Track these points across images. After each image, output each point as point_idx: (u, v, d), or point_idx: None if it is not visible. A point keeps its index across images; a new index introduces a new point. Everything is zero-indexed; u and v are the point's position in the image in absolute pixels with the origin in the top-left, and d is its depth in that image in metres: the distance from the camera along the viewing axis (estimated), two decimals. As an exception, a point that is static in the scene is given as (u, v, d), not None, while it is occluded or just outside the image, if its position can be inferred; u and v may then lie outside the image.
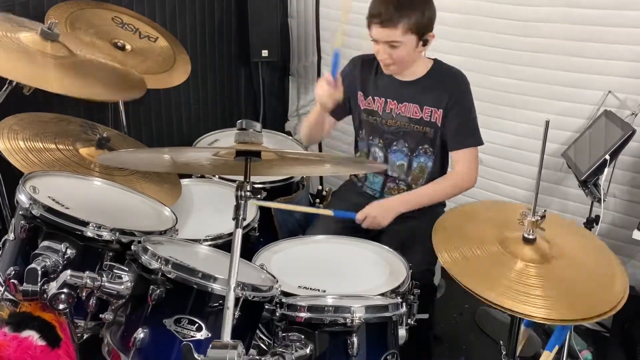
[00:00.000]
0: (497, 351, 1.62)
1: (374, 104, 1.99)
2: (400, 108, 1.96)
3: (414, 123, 1.95)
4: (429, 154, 1.98)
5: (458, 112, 1.91)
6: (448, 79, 1.93)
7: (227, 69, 3.14)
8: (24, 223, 1.39)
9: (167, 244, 1.47)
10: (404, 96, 1.94)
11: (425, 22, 1.81)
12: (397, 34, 1.77)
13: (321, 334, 1.29)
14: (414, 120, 1.95)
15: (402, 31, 1.77)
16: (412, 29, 1.78)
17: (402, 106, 1.95)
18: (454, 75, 1.95)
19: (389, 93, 1.97)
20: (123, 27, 2.30)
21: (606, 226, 2.18)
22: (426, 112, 1.92)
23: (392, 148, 1.99)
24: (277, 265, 1.63)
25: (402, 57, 1.84)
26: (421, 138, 1.96)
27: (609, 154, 1.86)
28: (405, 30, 1.77)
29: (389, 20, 1.76)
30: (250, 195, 1.16)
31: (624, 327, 2.06)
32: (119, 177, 1.78)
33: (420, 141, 1.96)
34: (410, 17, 1.76)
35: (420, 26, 1.79)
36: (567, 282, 1.35)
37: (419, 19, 1.78)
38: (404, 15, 1.75)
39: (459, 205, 1.74)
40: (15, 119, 1.78)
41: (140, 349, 1.22)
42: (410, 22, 1.77)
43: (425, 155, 1.98)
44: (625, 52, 2.09)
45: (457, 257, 1.37)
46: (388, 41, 1.80)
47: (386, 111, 1.97)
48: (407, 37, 1.79)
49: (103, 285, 1.25)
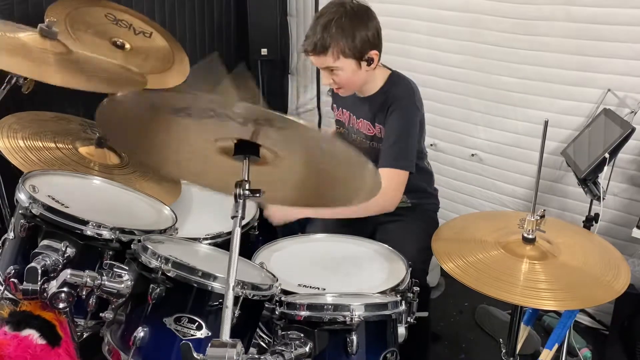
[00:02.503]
0: (497, 349, 1.63)
1: (342, 116, 2.01)
2: (358, 123, 1.95)
3: (368, 140, 1.93)
4: None
5: (390, 130, 1.85)
6: (391, 96, 1.86)
7: (227, 67, 3.13)
8: (23, 222, 1.39)
9: (166, 243, 1.47)
10: (360, 112, 1.94)
11: (359, 44, 1.76)
12: (329, 60, 1.76)
13: (320, 332, 1.29)
14: (368, 137, 1.93)
15: (333, 57, 1.75)
16: (345, 53, 1.75)
17: (359, 122, 1.95)
18: (399, 91, 1.87)
19: (351, 107, 1.97)
20: (117, 24, 2.29)
21: (605, 224, 2.18)
22: (377, 129, 1.90)
23: None
24: (277, 263, 1.63)
25: (344, 80, 1.81)
26: (376, 155, 1.89)
27: (609, 152, 1.86)
28: (336, 55, 1.75)
29: (316, 48, 1.74)
30: (249, 193, 1.16)
31: (624, 324, 2.06)
32: (118, 175, 1.78)
33: (376, 159, 1.88)
34: (338, 43, 1.73)
35: (353, 49, 1.75)
36: (576, 271, 1.38)
37: (349, 43, 1.74)
38: (331, 42, 1.73)
39: (456, 216, 1.75)
40: (15, 118, 1.79)
41: (141, 348, 1.22)
42: (339, 47, 1.74)
43: None
44: (625, 50, 2.09)
45: (462, 265, 1.38)
46: (324, 67, 1.80)
47: (350, 124, 1.98)
48: (342, 62, 1.76)
49: (103, 284, 1.25)
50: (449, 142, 2.71)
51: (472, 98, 2.56)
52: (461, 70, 2.55)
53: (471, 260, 1.39)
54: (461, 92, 2.56)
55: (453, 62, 2.56)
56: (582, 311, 2.38)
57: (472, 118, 2.59)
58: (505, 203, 2.60)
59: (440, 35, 2.57)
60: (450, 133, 2.69)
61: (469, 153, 2.62)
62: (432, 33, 2.59)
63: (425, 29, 2.60)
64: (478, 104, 2.56)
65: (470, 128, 2.59)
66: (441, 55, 2.57)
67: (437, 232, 1.56)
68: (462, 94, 2.57)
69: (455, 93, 2.61)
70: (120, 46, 2.22)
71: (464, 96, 2.57)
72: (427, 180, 2.07)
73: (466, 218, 1.76)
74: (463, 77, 2.55)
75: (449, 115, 2.66)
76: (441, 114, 2.66)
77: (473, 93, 2.56)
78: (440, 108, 2.65)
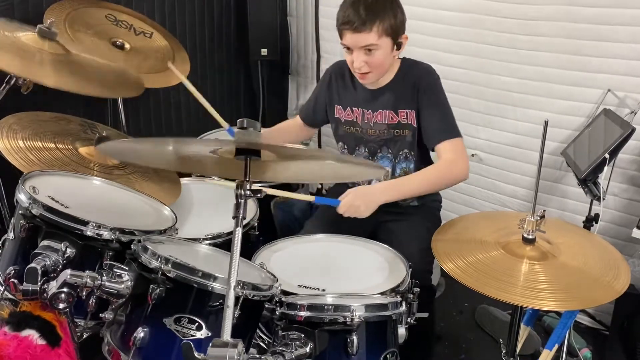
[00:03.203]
0: (497, 349, 1.63)
1: (352, 115, 1.99)
2: (376, 117, 1.94)
3: (393, 128, 1.92)
4: (409, 158, 1.95)
5: (430, 107, 1.86)
6: (415, 77, 1.88)
7: (227, 67, 3.13)
8: (23, 222, 1.39)
9: (166, 243, 1.47)
10: (378, 104, 1.93)
11: (398, 24, 1.79)
12: (373, 37, 1.75)
13: (321, 333, 1.29)
14: (392, 126, 1.92)
15: (377, 34, 1.75)
16: (387, 30, 1.75)
17: (378, 114, 1.93)
18: (421, 71, 1.90)
19: (364, 103, 1.95)
20: (117, 25, 2.29)
21: (605, 224, 2.19)
22: (402, 115, 1.90)
23: (378, 155, 1.98)
24: (277, 264, 1.63)
25: (379, 62, 1.81)
26: (402, 143, 1.93)
27: (609, 152, 1.86)
28: (380, 32, 1.75)
29: (362, 25, 1.73)
30: (250, 194, 1.16)
31: (624, 325, 2.06)
32: (118, 176, 1.78)
33: (401, 146, 1.94)
34: (384, 19, 1.74)
35: (394, 28, 1.77)
36: (576, 271, 1.38)
37: (392, 20, 1.76)
38: (377, 18, 1.73)
39: (456, 216, 1.75)
40: (15, 118, 1.78)
41: (141, 348, 1.22)
42: (385, 24, 1.74)
43: (407, 160, 1.96)
44: (625, 51, 2.09)
45: (462, 265, 1.38)
46: (364, 46, 1.77)
47: (364, 121, 1.96)
48: (382, 40, 1.76)
49: (103, 284, 1.25)
50: (449, 142, 2.70)
51: (472, 98, 2.56)
52: (461, 70, 2.55)
53: (471, 260, 1.39)
54: (461, 92, 2.56)
55: (453, 62, 2.56)
56: (582, 311, 2.38)
57: (472, 118, 2.59)
58: (505, 203, 2.60)
59: (440, 35, 2.57)
60: (450, 133, 2.69)
61: (469, 153, 2.61)
62: (432, 33, 2.59)
63: (426, 29, 2.60)
64: (478, 104, 2.56)
65: (470, 128, 2.59)
66: (441, 56, 2.57)
67: (437, 232, 1.56)
68: (463, 94, 2.57)
69: (456, 93, 2.61)
70: (120, 46, 2.22)
71: (464, 96, 2.57)
72: None
73: (466, 218, 1.76)
74: (463, 77, 2.55)
75: (449, 115, 2.66)
76: (441, 114, 2.66)
77: (473, 93, 2.55)
78: (440, 108, 2.65)
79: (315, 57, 3.14)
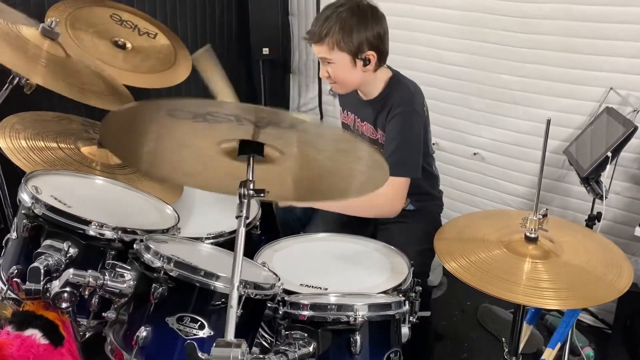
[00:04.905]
0: (500, 348, 1.62)
1: (347, 118, 2.00)
2: (362, 126, 1.95)
3: (373, 143, 1.91)
4: None
5: (390, 135, 1.83)
6: (391, 102, 1.84)
7: (228, 66, 3.10)
8: (26, 222, 1.39)
9: (169, 243, 1.47)
10: (364, 115, 1.93)
11: (355, 42, 1.75)
12: (324, 50, 1.77)
13: (324, 332, 1.29)
14: (372, 141, 1.92)
15: (328, 48, 1.75)
16: (339, 46, 1.75)
17: (364, 125, 1.94)
18: (399, 97, 1.84)
19: (355, 109, 1.96)
20: (122, 25, 2.29)
21: (608, 223, 2.18)
22: (379, 134, 1.90)
23: None
24: (279, 263, 1.63)
25: (340, 75, 1.81)
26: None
27: (611, 150, 1.86)
28: (331, 47, 1.75)
29: (316, 36, 1.76)
30: (253, 193, 1.16)
31: (626, 323, 2.06)
32: (120, 175, 1.78)
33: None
34: (333, 35, 1.74)
35: (348, 44, 1.75)
36: (578, 269, 1.37)
37: (345, 37, 1.74)
38: (328, 33, 1.74)
39: (458, 215, 1.74)
40: (17, 118, 1.79)
41: (143, 347, 1.22)
42: (334, 39, 1.74)
43: None
44: (627, 49, 2.09)
45: (464, 264, 1.38)
46: (320, 57, 1.81)
47: (355, 127, 1.97)
48: (335, 55, 1.76)
49: (105, 283, 1.24)
50: (451, 141, 2.71)
51: (473, 97, 2.56)
52: (463, 69, 2.55)
53: (473, 259, 1.39)
54: (463, 91, 2.56)
55: (454, 60, 2.56)
56: (585, 310, 2.38)
57: (474, 117, 2.58)
58: (508, 202, 2.59)
59: (442, 34, 2.57)
60: (452, 132, 2.69)
61: (471, 152, 2.62)
62: (433, 32, 2.58)
63: (427, 27, 2.60)
64: (480, 102, 2.55)
65: (472, 127, 2.59)
66: (443, 54, 2.56)
67: (439, 231, 1.56)
68: (464, 93, 2.56)
69: (457, 92, 2.61)
70: (121, 46, 2.22)
71: (465, 95, 2.57)
72: (432, 184, 2.07)
73: (468, 217, 1.76)
74: (465, 75, 2.55)
75: (450, 114, 2.66)
76: (443, 113, 2.66)
77: (475, 92, 2.55)
78: (442, 107, 2.65)
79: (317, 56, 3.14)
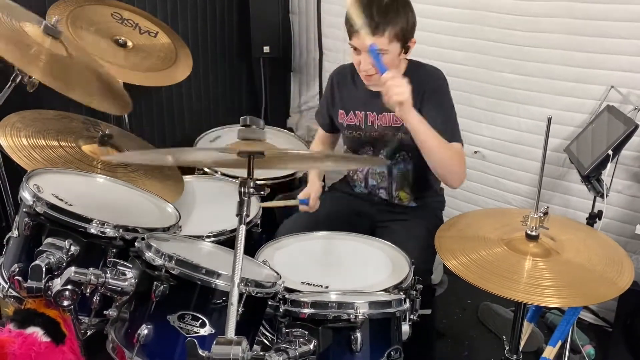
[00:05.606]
0: (500, 346, 1.63)
1: (355, 119, 1.97)
2: (380, 119, 1.92)
3: (396, 131, 1.90)
4: (407, 159, 1.94)
5: (433, 109, 1.81)
6: (420, 80, 1.82)
7: (229, 65, 3.14)
8: (27, 220, 1.39)
9: (170, 241, 1.48)
10: (382, 106, 1.88)
11: (409, 29, 1.75)
12: (384, 42, 1.70)
13: (325, 330, 1.29)
14: (395, 128, 1.90)
15: (389, 39, 1.71)
16: (398, 35, 1.72)
17: (382, 116, 1.91)
18: (428, 73, 1.87)
19: (367, 106, 1.93)
20: (123, 23, 2.30)
21: (609, 221, 2.18)
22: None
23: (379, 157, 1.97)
24: (280, 261, 1.63)
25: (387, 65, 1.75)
26: (403, 145, 1.90)
27: (612, 149, 1.85)
28: (392, 37, 1.71)
29: (375, 28, 1.68)
30: (253, 191, 1.16)
31: (627, 322, 2.06)
32: (121, 174, 1.78)
33: (397, 148, 1.91)
34: (396, 24, 1.70)
35: (405, 33, 1.73)
36: (579, 268, 1.37)
37: (404, 25, 1.72)
38: (390, 23, 1.69)
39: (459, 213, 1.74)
40: (18, 116, 1.79)
41: (144, 345, 1.23)
42: (396, 29, 1.70)
43: (404, 161, 1.94)
44: (628, 47, 2.09)
45: (465, 262, 1.37)
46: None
47: (367, 124, 1.95)
48: (392, 45, 1.73)
49: (107, 281, 1.25)
50: (452, 139, 2.70)
51: (474, 95, 2.56)
52: (464, 67, 2.54)
53: (474, 257, 1.39)
54: (464, 89, 2.56)
55: (455, 59, 2.55)
56: (586, 308, 2.38)
57: (474, 115, 2.58)
58: (509, 200, 2.59)
59: (443, 32, 2.57)
60: (453, 130, 2.69)
61: (472, 150, 2.62)
62: (434, 30, 2.58)
63: (428, 26, 2.59)
64: (481, 101, 2.55)
65: (473, 125, 2.59)
66: (443, 52, 2.56)
67: (440, 229, 1.56)
68: (465, 91, 2.56)
69: (458, 90, 2.59)
70: (122, 44, 2.22)
71: (466, 93, 2.56)
72: (435, 179, 2.07)
73: (469, 215, 1.76)
74: (465, 74, 2.55)
75: (451, 112, 2.66)
76: (444, 111, 2.65)
77: (476, 90, 2.55)
78: (442, 105, 2.64)
79: (318, 55, 3.14)
